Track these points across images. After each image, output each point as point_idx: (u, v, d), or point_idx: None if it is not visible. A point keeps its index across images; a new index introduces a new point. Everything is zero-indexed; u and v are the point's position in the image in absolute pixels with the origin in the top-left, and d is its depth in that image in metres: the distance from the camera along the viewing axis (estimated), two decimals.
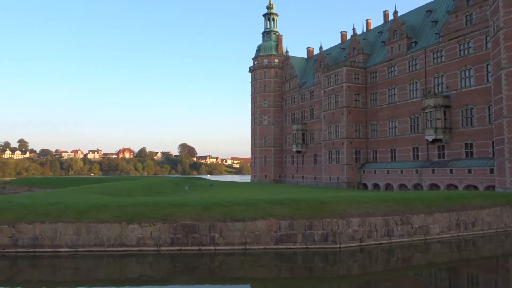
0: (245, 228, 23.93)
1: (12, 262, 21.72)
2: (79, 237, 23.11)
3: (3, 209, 24.25)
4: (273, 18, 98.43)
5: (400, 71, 61.48)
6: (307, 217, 24.79)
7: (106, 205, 25.64)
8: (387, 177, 61.11)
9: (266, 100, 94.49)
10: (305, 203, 26.62)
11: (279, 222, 24.30)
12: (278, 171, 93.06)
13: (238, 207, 25.54)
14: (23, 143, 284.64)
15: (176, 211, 24.77)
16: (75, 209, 24.65)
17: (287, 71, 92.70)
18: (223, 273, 20.95)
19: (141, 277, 20.04)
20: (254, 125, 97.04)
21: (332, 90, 69.52)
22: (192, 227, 23.73)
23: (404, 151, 59.93)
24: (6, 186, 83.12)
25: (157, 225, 23.60)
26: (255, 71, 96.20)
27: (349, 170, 65.83)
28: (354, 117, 66.75)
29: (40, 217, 23.53)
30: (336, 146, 68.22)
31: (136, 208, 25.16)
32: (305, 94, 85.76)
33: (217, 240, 23.68)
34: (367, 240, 25.25)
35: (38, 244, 22.81)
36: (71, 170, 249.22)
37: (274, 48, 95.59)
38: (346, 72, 66.93)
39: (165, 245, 23.35)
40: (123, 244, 23.18)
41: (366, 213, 26.08)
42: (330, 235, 24.48)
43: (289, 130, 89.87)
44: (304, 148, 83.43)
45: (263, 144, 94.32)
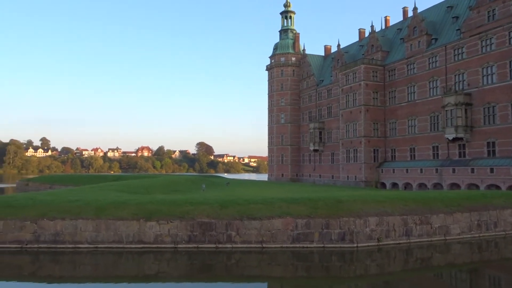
0: (262, 227, 23.95)
1: (34, 258, 22.25)
2: (98, 234, 23.52)
3: (26, 206, 24.87)
4: (290, 16, 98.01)
5: (420, 69, 60.46)
6: (324, 216, 24.64)
7: (125, 202, 26.03)
8: (406, 176, 60.24)
9: (283, 98, 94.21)
10: (322, 202, 26.46)
11: (296, 220, 24.22)
12: (295, 169, 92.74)
13: (255, 206, 25.57)
14: (45, 142, 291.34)
15: (193, 209, 24.96)
16: (95, 206, 25.10)
17: (304, 69, 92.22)
18: (240, 271, 21.01)
19: (159, 274, 20.28)
20: (271, 124, 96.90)
21: (350, 88, 68.86)
22: (209, 225, 23.87)
23: (423, 149, 58.97)
24: (29, 184, 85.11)
25: (174, 223, 23.82)
26: (272, 70, 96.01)
27: (367, 169, 65.14)
28: (372, 116, 65.98)
29: (61, 214, 24.04)
30: (353, 144, 67.58)
31: (154, 205, 25.45)
32: (323, 92, 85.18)
33: (234, 238, 23.76)
34: (385, 239, 24.96)
35: (59, 240, 23.31)
36: (91, 168, 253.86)
37: (291, 46, 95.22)
38: (364, 70, 66.19)
39: (182, 242, 23.56)
40: (141, 241, 23.49)
41: (384, 212, 25.77)
42: (347, 234, 24.28)
43: (306, 128, 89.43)
44: (322, 147, 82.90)
45: (280, 143, 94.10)
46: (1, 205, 25.02)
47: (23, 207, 24.69)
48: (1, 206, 24.84)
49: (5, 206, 24.76)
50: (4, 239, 23.16)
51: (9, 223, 23.37)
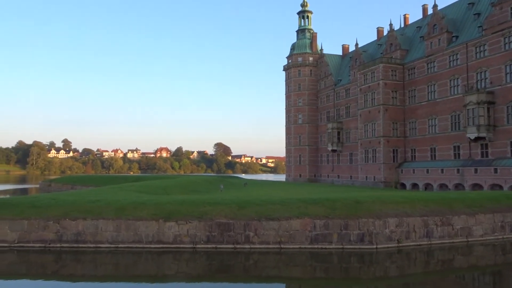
0: (280, 227, 23.92)
1: (57, 257, 22.74)
2: (119, 234, 23.89)
3: (49, 206, 25.46)
4: (307, 16, 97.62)
5: (440, 67, 59.39)
6: (343, 216, 24.46)
7: (144, 203, 26.37)
8: (426, 176, 59.24)
9: (301, 98, 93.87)
10: (341, 202, 26.28)
11: (314, 221, 24.11)
12: (313, 170, 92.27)
13: (273, 206, 25.57)
14: (67, 143, 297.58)
15: (211, 209, 25.12)
16: (115, 206, 25.51)
17: (322, 69, 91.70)
18: (258, 272, 21.03)
19: (178, 274, 20.47)
20: (288, 124, 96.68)
21: (368, 88, 68.15)
22: (227, 225, 23.98)
23: (444, 149, 57.89)
24: (51, 184, 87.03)
25: (193, 223, 24.01)
26: (289, 70, 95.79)
27: (386, 169, 64.33)
28: (391, 115, 65.13)
29: (82, 214, 24.53)
30: (372, 144, 66.84)
31: (172, 206, 25.72)
32: (341, 92, 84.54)
33: (252, 239, 23.80)
34: (405, 241, 24.60)
35: (81, 240, 23.78)
36: (112, 169, 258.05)
37: (309, 46, 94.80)
38: (383, 69, 65.40)
39: (201, 242, 23.72)
40: (160, 241, 23.75)
41: (404, 213, 25.41)
42: (367, 236, 24.03)
43: (324, 128, 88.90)
44: (340, 147, 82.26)
45: (298, 143, 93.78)
46: (26, 205, 25.70)
47: (46, 207, 25.29)
48: (26, 206, 25.51)
49: (29, 206, 25.42)
50: (28, 238, 23.77)
51: (33, 222, 23.98)
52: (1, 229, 23.84)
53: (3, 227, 23.89)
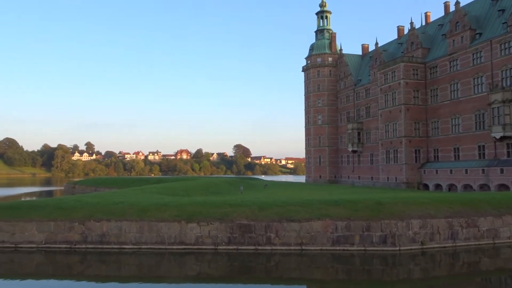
0: (301, 229, 23.85)
1: (82, 257, 23.26)
2: (142, 235, 24.26)
3: (74, 208, 26.07)
4: (326, 16, 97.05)
5: (463, 65, 58.14)
6: (365, 218, 24.22)
7: (166, 204, 26.71)
8: (450, 177, 58.03)
9: (320, 99, 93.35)
10: (362, 203, 26.03)
11: (335, 223, 23.95)
12: (333, 171, 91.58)
13: (294, 208, 25.52)
14: (90, 146, 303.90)
15: (232, 210, 25.24)
16: (138, 208, 25.93)
17: (342, 69, 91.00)
18: (280, 273, 21.01)
19: (200, 275, 20.65)
20: (308, 125, 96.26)
21: (389, 87, 67.26)
22: (248, 226, 24.05)
23: (468, 149, 56.60)
24: (75, 186, 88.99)
25: (214, 224, 24.18)
26: (308, 71, 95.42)
27: (408, 170, 63.31)
28: (413, 115, 64.09)
29: (106, 215, 25.01)
30: (394, 145, 65.91)
31: (194, 207, 25.97)
32: (361, 92, 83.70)
33: (273, 240, 23.81)
34: (429, 243, 24.17)
35: (105, 241, 24.24)
36: (133, 171, 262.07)
37: (328, 46, 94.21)
38: (404, 68, 64.44)
39: (222, 244, 23.87)
40: (182, 242, 24.00)
41: (427, 214, 24.98)
42: (389, 237, 23.72)
43: (344, 129, 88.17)
44: (360, 148, 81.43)
45: (318, 144, 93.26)
46: (52, 207, 26.38)
47: (72, 209, 25.90)
48: (52, 208, 26.19)
49: (55, 208, 26.08)
50: (54, 239, 24.38)
51: (59, 224, 24.59)
52: (29, 230, 24.55)
53: (31, 228, 24.59)
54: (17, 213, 25.62)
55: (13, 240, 24.45)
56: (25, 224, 24.68)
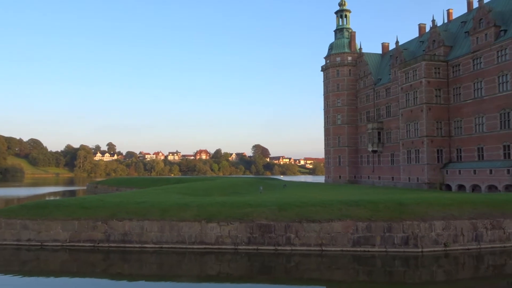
0: (321, 229, 23.74)
1: (105, 256, 23.72)
2: (163, 234, 24.58)
3: (97, 207, 26.61)
4: (346, 15, 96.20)
5: (487, 63, 56.74)
6: (386, 219, 23.93)
7: (187, 204, 26.98)
8: (473, 177, 56.73)
9: (340, 99, 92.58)
10: (383, 204, 25.73)
11: (356, 223, 23.75)
12: (353, 171, 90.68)
13: (313, 208, 25.42)
14: (111, 146, 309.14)
15: (252, 211, 25.32)
16: (159, 208, 26.27)
17: (361, 69, 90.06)
18: (300, 274, 20.96)
19: (220, 275, 20.78)
20: (327, 125, 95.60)
21: (410, 86, 66.21)
22: (268, 227, 24.08)
23: (493, 149, 55.21)
24: (98, 186, 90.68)
25: (234, 224, 24.30)
26: (327, 70, 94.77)
27: (430, 170, 62.18)
28: (435, 114, 62.91)
29: (129, 215, 25.44)
30: (415, 145, 64.84)
31: (214, 207, 26.16)
32: (381, 91, 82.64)
33: (293, 241, 23.77)
34: (452, 244, 23.71)
35: (127, 240, 24.66)
36: (153, 171, 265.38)
37: (347, 45, 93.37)
38: (425, 67, 63.31)
39: (242, 244, 23.96)
40: (203, 242, 24.21)
41: (451, 216, 24.50)
42: (411, 239, 23.37)
43: (364, 129, 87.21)
44: (381, 148, 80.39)
45: (337, 144, 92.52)
46: (76, 206, 26.99)
47: (95, 209, 26.44)
48: (76, 207, 26.80)
49: (79, 207, 26.68)
50: (79, 238, 24.94)
51: (83, 223, 25.15)
52: (54, 229, 25.18)
53: (56, 227, 25.21)
54: (43, 212, 26.32)
55: (39, 238, 25.12)
56: (50, 223, 25.32)
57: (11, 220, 25.68)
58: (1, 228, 25.55)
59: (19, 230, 25.41)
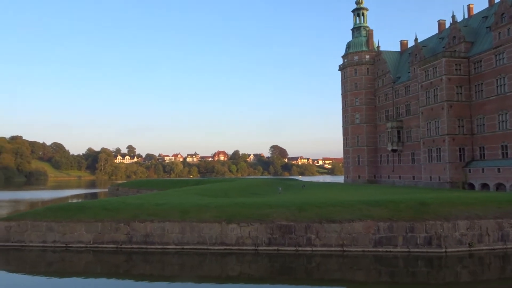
0: (342, 230, 23.57)
1: (128, 257, 24.08)
2: (184, 236, 24.81)
3: (119, 209, 27.05)
4: (363, 13, 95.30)
5: (511, 58, 55.33)
6: (408, 219, 23.60)
7: (207, 205, 27.18)
8: (498, 176, 55.36)
9: (358, 98, 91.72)
10: (405, 204, 25.38)
11: (377, 223, 23.50)
12: (373, 171, 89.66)
13: (334, 208, 25.27)
14: (131, 149, 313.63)
15: (272, 211, 25.32)
16: (180, 209, 26.53)
17: (379, 67, 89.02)
18: (321, 275, 20.87)
19: (241, 275, 20.86)
20: (345, 125, 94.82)
21: (430, 84, 65.09)
22: (288, 227, 24.04)
23: None
24: (119, 188, 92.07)
25: (254, 225, 24.35)
26: (345, 69, 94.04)
27: (452, 169, 60.97)
28: (456, 112, 61.66)
29: (150, 216, 25.78)
30: (436, 143, 63.70)
31: (234, 208, 26.26)
32: (400, 89, 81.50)
33: (314, 241, 23.67)
34: (477, 244, 23.21)
35: (149, 241, 24.99)
36: (173, 172, 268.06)
37: (365, 44, 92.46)
38: (446, 64, 62.15)
39: (263, 244, 23.98)
40: (223, 243, 24.33)
41: (475, 215, 23.99)
42: (435, 239, 22.98)
43: (383, 128, 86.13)
44: (400, 147, 79.25)
45: (356, 144, 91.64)
46: (99, 208, 27.50)
47: (117, 210, 26.88)
48: (99, 209, 27.30)
49: (102, 210, 27.16)
50: (102, 239, 25.40)
51: (106, 225, 25.60)
52: (78, 231, 25.71)
53: (80, 228, 25.74)
54: (67, 214, 26.89)
55: (64, 239, 25.68)
56: (74, 225, 25.86)
57: (37, 222, 26.33)
58: (28, 230, 26.21)
59: (45, 232, 26.03)
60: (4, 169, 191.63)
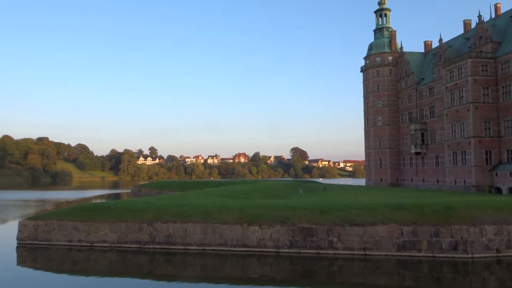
0: (365, 233, 23.29)
1: (151, 257, 24.40)
2: (205, 237, 24.99)
3: (143, 210, 27.47)
4: (385, 14, 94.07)
5: None
6: (433, 223, 23.13)
7: (228, 207, 27.31)
8: None
9: (380, 100, 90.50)
10: (430, 208, 24.90)
11: (401, 227, 23.12)
12: (395, 174, 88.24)
13: (356, 211, 25.00)
14: (153, 150, 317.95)
15: (293, 214, 25.24)
16: (202, 210, 26.75)
17: (402, 68, 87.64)
18: (343, 278, 20.68)
19: (262, 277, 20.84)
20: (367, 127, 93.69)
21: (455, 85, 63.68)
22: (309, 230, 23.91)
23: None
24: (141, 189, 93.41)
25: (276, 227, 24.31)
26: (367, 71, 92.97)
27: (478, 172, 59.41)
28: (482, 114, 60.10)
29: (172, 217, 26.08)
30: (461, 146, 62.23)
31: (255, 210, 26.29)
32: (424, 91, 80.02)
33: (336, 245, 23.46)
34: (505, 250, 22.54)
35: (172, 242, 25.27)
36: (193, 174, 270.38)
37: (387, 45, 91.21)
38: (472, 64, 60.70)
39: (284, 247, 23.92)
40: (244, 244, 24.39)
41: (503, 220, 23.32)
42: (460, 244, 22.44)
43: (406, 130, 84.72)
44: (424, 149, 77.74)
45: (378, 146, 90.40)
46: (123, 209, 28.00)
47: (141, 211, 27.30)
48: (123, 210, 27.79)
49: (126, 210, 27.65)
50: (125, 239, 25.83)
51: (129, 225, 26.03)
52: (102, 231, 26.22)
53: (104, 228, 26.25)
54: (92, 214, 27.47)
55: (89, 239, 26.24)
56: (99, 225, 26.39)
57: (63, 222, 26.99)
58: (54, 229, 26.90)
59: (71, 231, 26.66)
60: (31, 170, 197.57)
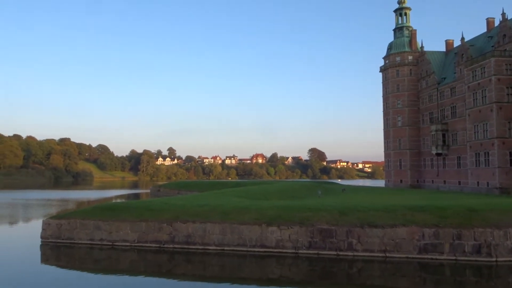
0: (385, 235, 23.01)
1: (170, 257, 24.66)
2: (224, 237, 25.11)
3: (162, 210, 27.79)
4: (405, 13, 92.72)
5: None
6: (455, 225, 22.69)
7: (247, 207, 27.38)
8: None
9: (400, 100, 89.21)
10: (452, 210, 24.42)
11: (422, 230, 22.75)
12: (415, 175, 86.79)
13: (376, 213, 24.73)
14: (172, 151, 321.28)
15: (312, 215, 25.13)
16: (220, 211, 26.89)
17: (423, 68, 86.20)
18: (362, 280, 20.46)
19: (281, 278, 20.81)
20: (387, 127, 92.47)
21: (478, 85, 62.30)
22: (328, 231, 23.76)
23: None
24: (160, 189, 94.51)
25: (294, 228, 24.25)
26: (386, 71, 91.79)
27: (501, 174, 57.95)
28: (506, 114, 58.60)
29: (191, 217, 26.30)
30: (484, 147, 60.82)
31: (274, 211, 26.28)
32: (445, 91, 78.51)
33: (355, 246, 23.25)
34: None
35: (191, 242, 25.49)
36: (212, 174, 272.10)
37: (407, 44, 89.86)
38: (495, 63, 59.28)
39: (303, 248, 23.84)
40: (263, 245, 24.40)
41: None
42: (484, 247, 21.95)
43: (427, 131, 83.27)
44: (445, 150, 76.26)
45: (398, 147, 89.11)
46: (143, 209, 28.39)
47: (160, 211, 27.63)
48: (143, 209, 28.18)
49: (146, 210, 28.03)
50: (146, 238, 26.18)
51: (150, 224, 26.37)
52: (123, 230, 26.64)
53: (125, 228, 26.66)
54: (113, 213, 27.94)
55: (110, 238, 26.69)
56: (120, 224, 26.82)
57: (85, 221, 27.53)
58: (77, 228, 27.46)
59: (92, 230, 27.17)
60: (53, 170, 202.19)
